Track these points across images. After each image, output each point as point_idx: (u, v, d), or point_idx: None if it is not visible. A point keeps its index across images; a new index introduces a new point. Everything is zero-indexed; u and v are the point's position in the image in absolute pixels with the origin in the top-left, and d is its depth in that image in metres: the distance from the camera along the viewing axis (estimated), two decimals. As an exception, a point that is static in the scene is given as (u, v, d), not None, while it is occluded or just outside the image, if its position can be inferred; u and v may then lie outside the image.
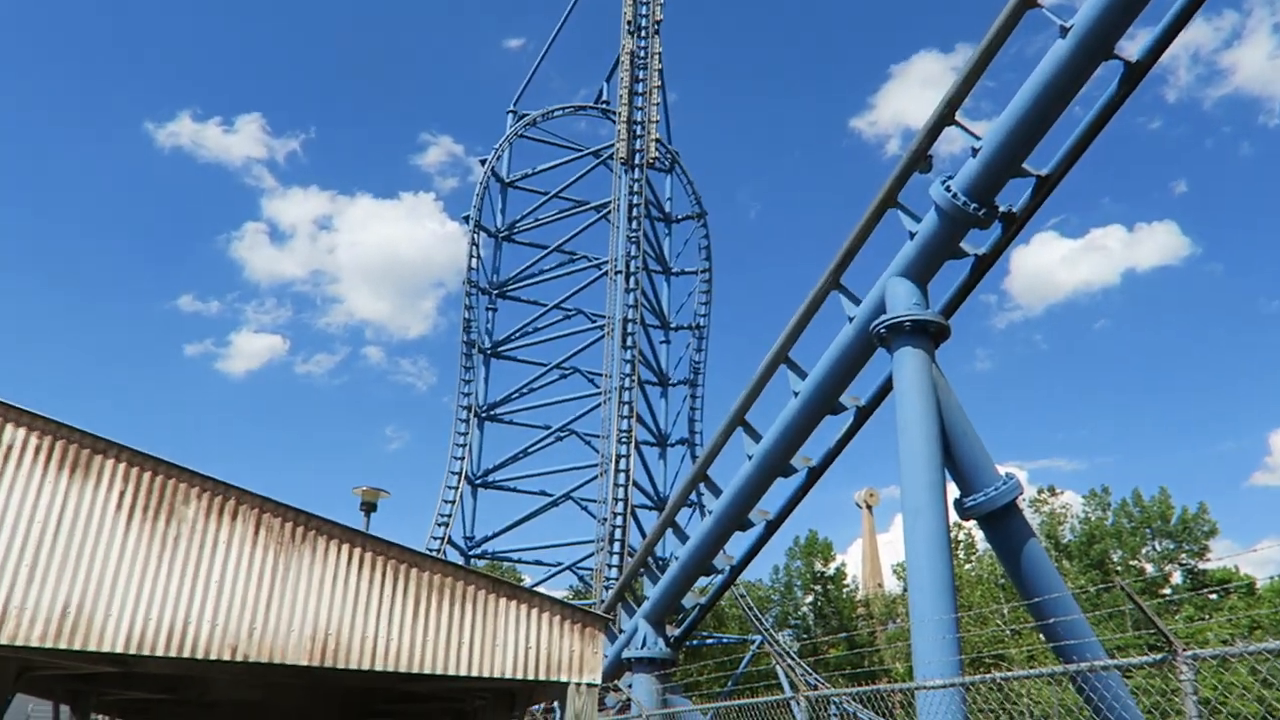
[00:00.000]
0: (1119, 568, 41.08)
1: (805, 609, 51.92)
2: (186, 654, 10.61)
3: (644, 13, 45.98)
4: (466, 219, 45.40)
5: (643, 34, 45.34)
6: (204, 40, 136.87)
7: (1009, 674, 8.23)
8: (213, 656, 10.67)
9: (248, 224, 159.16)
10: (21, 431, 10.98)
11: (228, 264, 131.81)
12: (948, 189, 15.03)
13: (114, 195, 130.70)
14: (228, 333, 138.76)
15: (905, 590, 27.51)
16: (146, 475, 11.19)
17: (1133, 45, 14.08)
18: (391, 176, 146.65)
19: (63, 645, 10.32)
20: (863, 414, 19.12)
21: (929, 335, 15.54)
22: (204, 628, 10.76)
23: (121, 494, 11.04)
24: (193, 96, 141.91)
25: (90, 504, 10.90)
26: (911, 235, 15.88)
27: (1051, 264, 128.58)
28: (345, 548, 11.66)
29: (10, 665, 13.62)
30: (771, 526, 21.41)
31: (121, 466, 11.15)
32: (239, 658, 10.76)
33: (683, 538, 22.81)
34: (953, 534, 20.53)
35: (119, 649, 10.46)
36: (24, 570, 10.45)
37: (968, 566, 43.82)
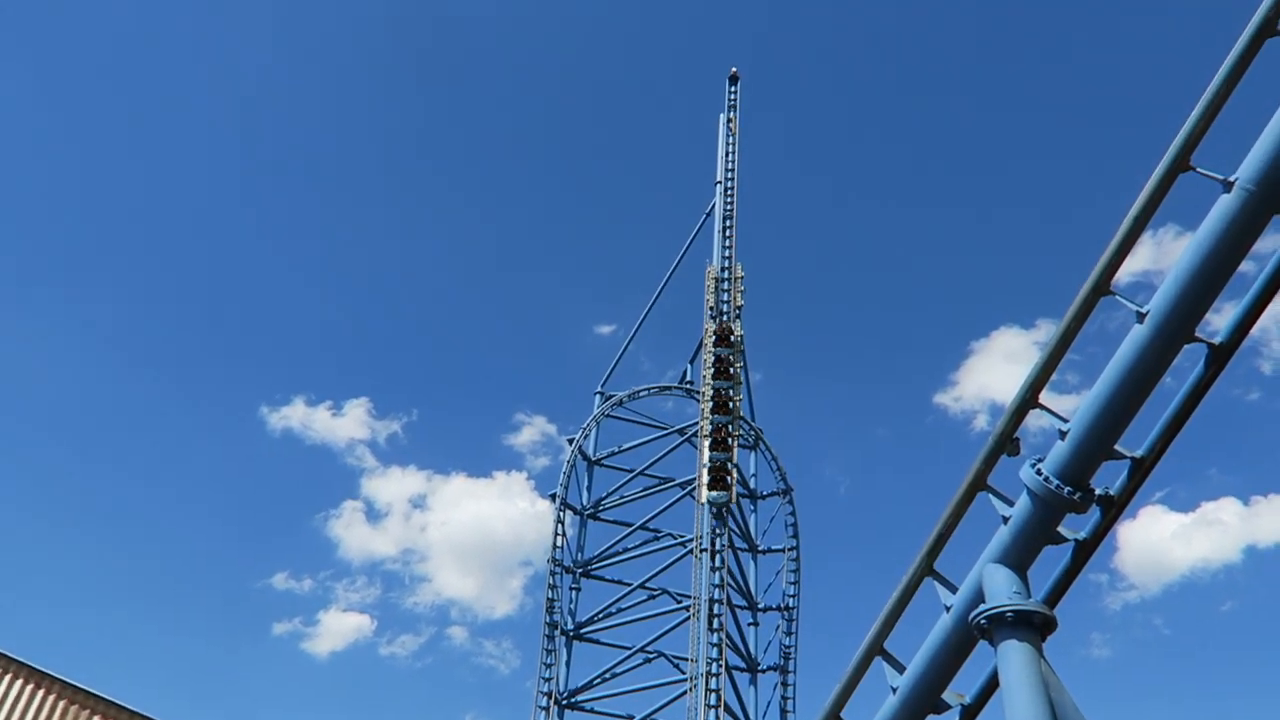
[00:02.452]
0: None
1: None
2: None
3: (725, 300, 48.54)
4: (553, 497, 45.98)
5: (725, 319, 47.60)
6: (320, 329, 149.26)
7: None
8: None
9: (346, 502, 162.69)
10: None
11: (323, 542, 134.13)
12: (1038, 472, 14.62)
13: (225, 476, 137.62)
14: (317, 611, 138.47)
15: None
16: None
17: (1219, 319, 13.96)
18: (486, 456, 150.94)
19: None
20: (969, 713, 17.46)
21: (1034, 627, 14.47)
22: None
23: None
24: (308, 383, 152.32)
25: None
26: (1005, 519, 15.31)
27: (1163, 540, 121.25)
28: None
29: None
30: (877, 844, 19.15)
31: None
32: None
33: None
34: None
35: None
36: None
37: None
